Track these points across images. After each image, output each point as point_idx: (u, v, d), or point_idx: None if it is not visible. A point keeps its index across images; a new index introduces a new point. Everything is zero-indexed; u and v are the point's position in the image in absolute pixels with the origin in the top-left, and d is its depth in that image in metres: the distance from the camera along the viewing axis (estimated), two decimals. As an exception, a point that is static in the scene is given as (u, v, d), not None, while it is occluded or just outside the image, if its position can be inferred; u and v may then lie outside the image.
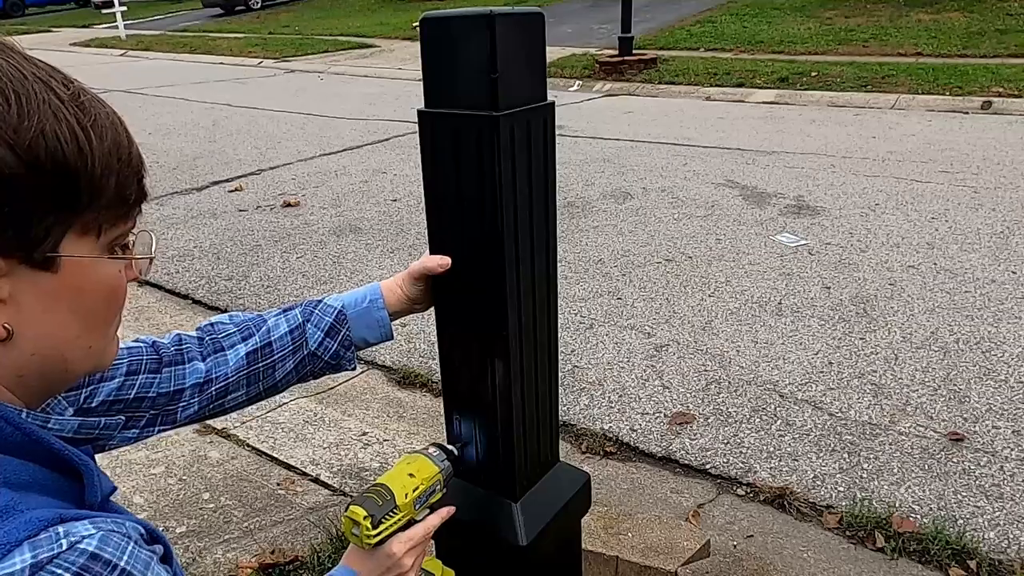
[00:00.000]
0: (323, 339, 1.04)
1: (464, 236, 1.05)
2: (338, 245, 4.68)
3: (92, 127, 0.57)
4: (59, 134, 0.54)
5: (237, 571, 2.05)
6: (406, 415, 2.91)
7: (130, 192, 0.61)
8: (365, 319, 1.07)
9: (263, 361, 1.01)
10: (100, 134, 0.58)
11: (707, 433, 2.72)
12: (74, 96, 0.57)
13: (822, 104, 8.65)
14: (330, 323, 1.05)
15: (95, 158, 0.57)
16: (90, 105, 0.58)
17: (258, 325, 1.02)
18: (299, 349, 1.03)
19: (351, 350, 1.07)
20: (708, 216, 4.95)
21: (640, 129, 7.68)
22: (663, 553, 1.94)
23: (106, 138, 0.58)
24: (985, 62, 9.74)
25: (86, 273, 0.60)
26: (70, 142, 0.55)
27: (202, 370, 0.96)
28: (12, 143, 0.52)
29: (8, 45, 0.57)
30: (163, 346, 0.95)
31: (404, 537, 0.96)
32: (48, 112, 0.54)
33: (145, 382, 0.91)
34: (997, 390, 2.88)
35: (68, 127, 0.55)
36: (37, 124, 0.53)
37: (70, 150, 0.55)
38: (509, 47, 0.94)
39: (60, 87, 0.57)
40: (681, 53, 11.84)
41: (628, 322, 3.57)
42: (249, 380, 1.00)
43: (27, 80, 0.55)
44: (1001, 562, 2.08)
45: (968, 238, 4.37)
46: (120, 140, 0.60)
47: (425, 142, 1.03)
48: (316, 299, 1.08)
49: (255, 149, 7.31)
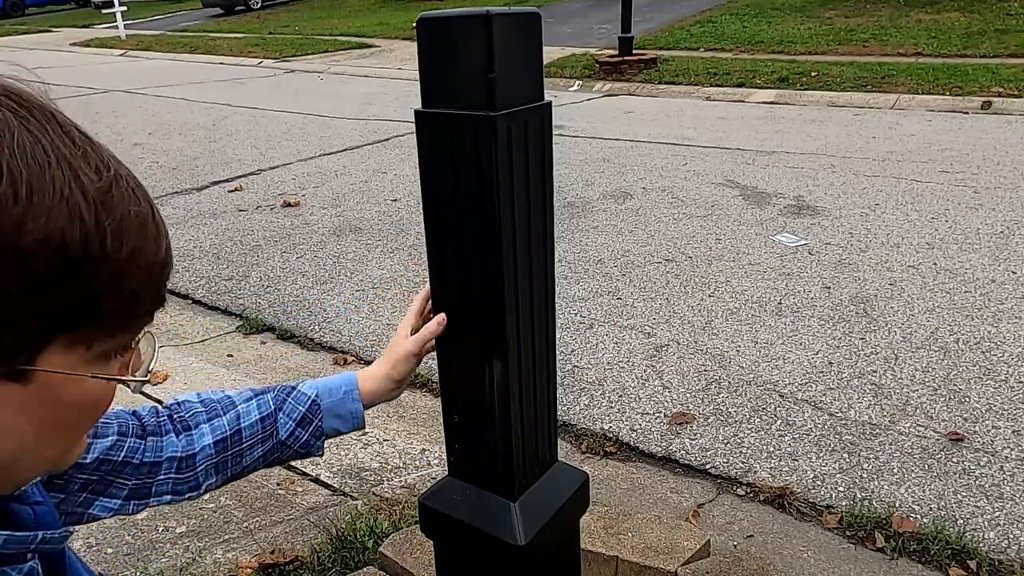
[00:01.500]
0: (294, 429, 1.01)
1: (462, 236, 1.05)
2: (338, 245, 4.68)
3: (114, 230, 0.48)
4: (68, 238, 0.45)
5: (237, 571, 2.05)
6: (406, 415, 2.91)
7: (142, 304, 0.52)
8: (338, 410, 1.05)
9: (232, 449, 0.96)
10: (122, 239, 0.48)
11: (707, 433, 2.72)
12: (104, 189, 0.48)
13: (822, 104, 8.65)
14: (303, 413, 1.02)
15: (107, 268, 0.48)
16: (119, 201, 0.49)
17: (227, 408, 0.98)
18: (269, 438, 0.99)
19: (321, 439, 1.05)
20: (708, 216, 4.95)
21: (640, 129, 7.68)
22: (663, 553, 1.94)
23: (128, 243, 0.49)
24: (985, 62, 9.74)
25: (65, 387, 0.50)
26: (79, 248, 0.46)
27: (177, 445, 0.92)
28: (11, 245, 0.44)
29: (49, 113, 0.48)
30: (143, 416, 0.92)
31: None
32: (63, 211, 0.45)
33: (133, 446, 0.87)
34: (997, 390, 2.88)
35: (83, 230, 0.46)
36: (43, 225, 0.44)
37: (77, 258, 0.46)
38: (506, 47, 0.94)
39: (91, 175, 0.47)
40: (681, 53, 11.84)
41: (628, 322, 3.57)
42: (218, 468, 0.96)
43: (50, 167, 0.46)
44: (1001, 562, 2.08)
45: (968, 238, 4.37)
46: (145, 245, 0.50)
47: (422, 142, 1.03)
48: (290, 385, 1.04)
49: (255, 149, 7.31)
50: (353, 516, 2.22)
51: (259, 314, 3.80)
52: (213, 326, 3.73)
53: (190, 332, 3.66)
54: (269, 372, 3.25)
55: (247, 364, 3.33)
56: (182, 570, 2.08)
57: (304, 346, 3.50)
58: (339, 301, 3.92)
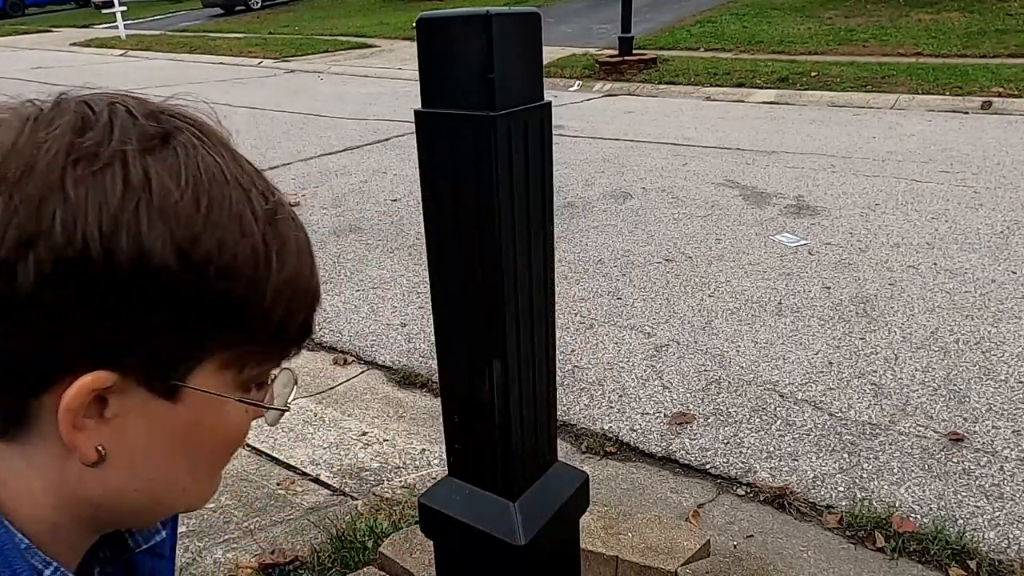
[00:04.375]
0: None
1: (462, 236, 1.05)
2: (338, 245, 4.68)
3: (278, 251, 0.49)
4: (238, 253, 0.47)
5: (237, 571, 2.05)
6: (406, 415, 2.91)
7: (293, 330, 0.53)
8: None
9: None
10: (283, 260, 0.50)
11: (707, 433, 2.72)
12: (271, 213, 0.50)
13: (822, 104, 8.65)
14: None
15: (268, 287, 0.49)
16: (283, 226, 0.50)
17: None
18: None
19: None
20: (708, 216, 4.95)
21: (640, 129, 7.68)
22: (663, 553, 1.94)
23: (287, 265, 0.50)
24: (985, 62, 9.74)
25: (210, 410, 0.51)
26: (247, 263, 0.47)
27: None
28: (185, 252, 0.45)
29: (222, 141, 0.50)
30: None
31: None
32: (235, 227, 0.47)
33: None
34: (997, 390, 2.88)
35: (252, 246, 0.48)
36: (219, 236, 0.46)
37: (243, 272, 0.47)
38: (506, 47, 0.94)
39: (259, 199, 0.49)
40: (681, 53, 11.84)
41: (628, 322, 3.57)
42: None
43: (228, 185, 0.48)
44: (1001, 562, 2.08)
45: (968, 238, 4.37)
46: (302, 271, 0.52)
47: (422, 142, 1.03)
48: None
49: (255, 149, 7.31)
50: (353, 516, 2.22)
51: (259, 314, 3.80)
52: (213, 326, 3.73)
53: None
54: (269, 372, 3.25)
55: (247, 364, 3.33)
56: (182, 570, 2.08)
57: (304, 346, 3.49)
58: (339, 301, 3.92)
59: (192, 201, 0.45)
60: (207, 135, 0.49)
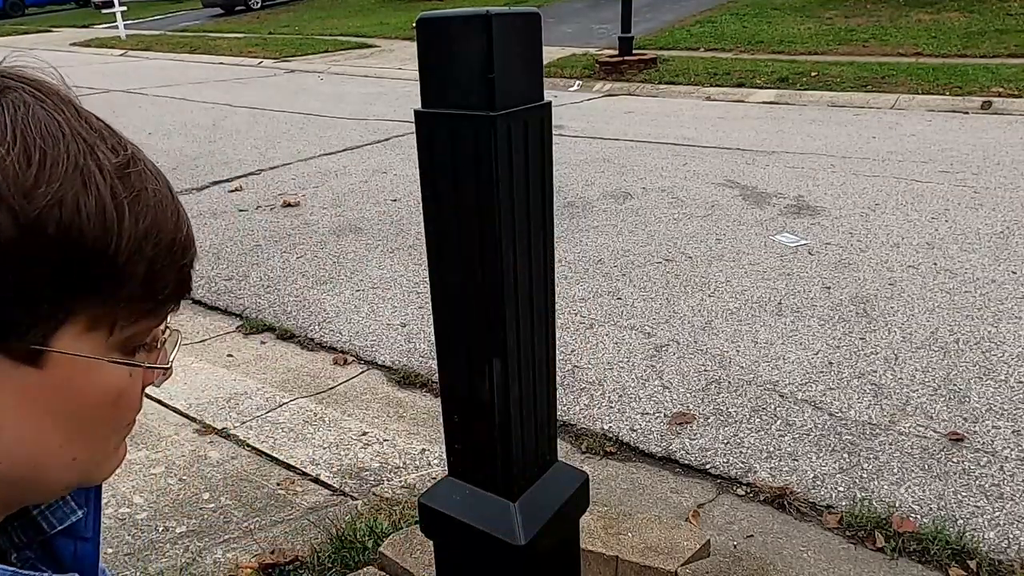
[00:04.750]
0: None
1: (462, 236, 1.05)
2: (338, 245, 4.69)
3: (130, 203, 0.48)
4: (82, 206, 0.45)
5: (237, 571, 2.05)
6: (406, 415, 2.91)
7: (163, 285, 0.51)
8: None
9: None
10: (139, 212, 0.48)
11: (707, 433, 2.72)
12: (121, 165, 0.48)
13: (822, 104, 8.65)
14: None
15: (123, 240, 0.47)
16: (137, 178, 0.49)
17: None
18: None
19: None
20: (708, 216, 4.95)
21: (640, 129, 7.68)
22: (663, 553, 1.94)
23: (145, 218, 0.48)
24: (985, 62, 9.74)
25: (84, 374, 0.49)
26: (93, 217, 0.46)
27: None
28: (17, 209, 0.43)
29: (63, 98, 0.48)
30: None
31: None
32: (77, 179, 0.45)
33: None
34: (997, 390, 2.88)
35: (97, 200, 0.46)
36: (57, 191, 0.44)
37: (91, 227, 0.46)
38: (506, 47, 0.94)
39: (107, 152, 0.48)
40: (681, 53, 11.84)
41: (628, 322, 3.57)
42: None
43: (64, 139, 0.46)
44: (1001, 562, 2.08)
45: (968, 238, 4.37)
46: (164, 223, 0.50)
47: (422, 142, 1.03)
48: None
49: (255, 149, 7.31)
50: (353, 516, 2.22)
51: (259, 314, 3.81)
52: (213, 326, 3.73)
53: (190, 332, 3.66)
54: (269, 372, 3.25)
55: (247, 364, 3.33)
56: (182, 570, 2.08)
57: (304, 346, 3.50)
58: (339, 301, 3.92)
59: (22, 156, 0.44)
60: (46, 93, 0.47)
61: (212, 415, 2.89)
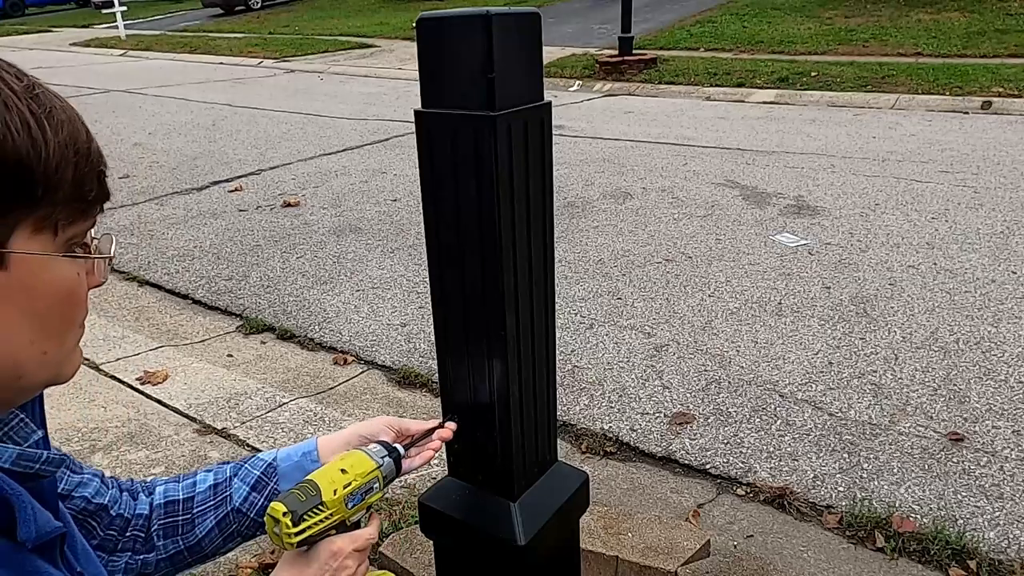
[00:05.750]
0: (249, 494, 0.95)
1: (462, 236, 1.05)
2: (338, 245, 4.69)
3: (47, 117, 0.55)
4: (9, 123, 0.52)
5: (237, 571, 2.05)
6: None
7: (89, 188, 0.59)
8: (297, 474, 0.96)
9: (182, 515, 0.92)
10: (55, 126, 0.56)
11: (707, 433, 2.72)
12: (28, 88, 0.55)
13: (822, 104, 8.65)
14: (257, 477, 0.96)
15: (49, 149, 0.54)
16: (45, 97, 0.56)
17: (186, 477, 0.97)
18: (222, 504, 0.94)
19: None
20: (708, 216, 4.95)
21: (640, 129, 7.68)
22: (663, 553, 1.94)
23: (62, 130, 0.56)
24: (985, 62, 9.74)
25: (39, 273, 0.57)
26: (21, 131, 0.53)
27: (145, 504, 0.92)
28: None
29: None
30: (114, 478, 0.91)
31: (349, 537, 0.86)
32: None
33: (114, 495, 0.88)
34: (997, 390, 2.88)
35: (20, 116, 0.53)
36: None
37: (21, 140, 0.53)
38: (506, 47, 0.94)
39: (13, 79, 0.55)
40: (681, 53, 11.84)
41: (628, 322, 3.57)
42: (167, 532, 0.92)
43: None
44: (1001, 562, 2.08)
45: (968, 238, 4.37)
46: (77, 134, 0.58)
47: (422, 142, 1.03)
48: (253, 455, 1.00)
49: (255, 149, 7.31)
50: (353, 516, 2.22)
51: (259, 314, 3.81)
52: (213, 326, 3.73)
53: (190, 332, 3.66)
54: (269, 372, 3.25)
55: (247, 364, 3.33)
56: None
57: (304, 346, 3.50)
58: (339, 301, 3.92)
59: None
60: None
61: (212, 415, 2.89)
